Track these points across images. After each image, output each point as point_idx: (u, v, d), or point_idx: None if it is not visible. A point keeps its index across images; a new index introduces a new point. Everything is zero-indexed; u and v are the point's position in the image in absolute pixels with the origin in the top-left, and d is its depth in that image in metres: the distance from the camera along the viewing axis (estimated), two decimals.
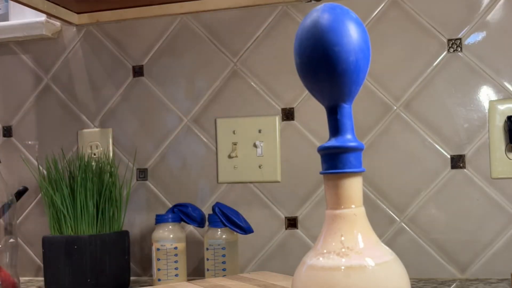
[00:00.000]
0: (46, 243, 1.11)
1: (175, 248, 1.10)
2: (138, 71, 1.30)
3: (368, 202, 1.14)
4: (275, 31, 1.22)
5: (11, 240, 0.98)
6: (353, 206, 0.57)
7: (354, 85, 0.57)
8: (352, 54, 0.55)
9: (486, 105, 1.11)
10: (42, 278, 1.27)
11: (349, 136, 0.58)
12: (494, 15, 1.10)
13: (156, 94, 1.28)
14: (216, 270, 1.08)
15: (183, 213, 1.13)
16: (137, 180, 1.29)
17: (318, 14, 0.56)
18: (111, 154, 1.29)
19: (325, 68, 0.56)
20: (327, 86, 0.57)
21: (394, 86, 1.15)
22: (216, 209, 1.09)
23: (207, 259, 1.09)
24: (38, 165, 1.31)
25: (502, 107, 1.10)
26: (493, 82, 1.10)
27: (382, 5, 1.16)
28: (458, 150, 1.12)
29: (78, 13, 1.31)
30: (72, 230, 1.10)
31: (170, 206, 1.23)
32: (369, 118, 1.16)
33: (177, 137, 1.27)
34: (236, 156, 1.23)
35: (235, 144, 1.23)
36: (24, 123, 1.37)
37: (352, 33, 0.56)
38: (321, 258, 0.56)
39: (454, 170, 1.12)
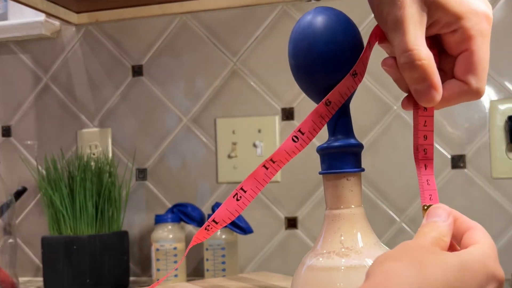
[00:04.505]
0: (45, 243, 1.11)
1: (175, 248, 1.10)
2: (137, 71, 1.29)
3: (368, 202, 1.14)
4: (275, 30, 1.21)
5: (10, 240, 0.98)
6: (352, 206, 0.57)
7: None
8: (348, 51, 0.56)
9: (486, 105, 1.10)
10: (41, 279, 1.27)
11: (348, 136, 0.58)
12: (494, 15, 1.10)
13: (155, 94, 1.28)
14: (215, 270, 1.08)
15: (182, 213, 1.13)
16: (136, 180, 1.29)
17: (311, 15, 0.58)
18: (110, 154, 1.29)
19: (321, 67, 0.56)
20: (324, 85, 0.57)
21: (394, 86, 1.14)
22: (216, 209, 1.08)
23: (207, 260, 1.09)
24: (37, 165, 1.31)
25: (502, 107, 1.09)
26: (494, 82, 1.10)
27: None
28: (459, 150, 1.11)
29: (77, 12, 1.30)
30: (71, 230, 1.10)
31: (170, 206, 1.23)
32: (369, 118, 1.15)
33: (177, 137, 1.27)
34: (236, 156, 1.22)
35: (235, 144, 1.23)
36: (23, 123, 1.37)
37: (347, 31, 0.57)
38: (320, 258, 0.56)
39: (455, 170, 1.11)
